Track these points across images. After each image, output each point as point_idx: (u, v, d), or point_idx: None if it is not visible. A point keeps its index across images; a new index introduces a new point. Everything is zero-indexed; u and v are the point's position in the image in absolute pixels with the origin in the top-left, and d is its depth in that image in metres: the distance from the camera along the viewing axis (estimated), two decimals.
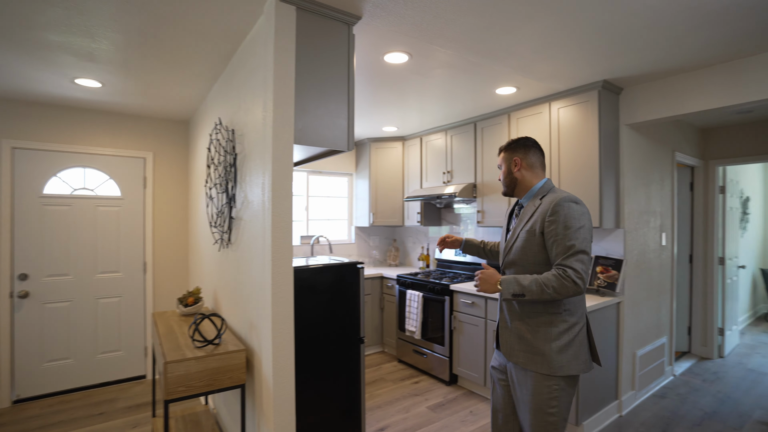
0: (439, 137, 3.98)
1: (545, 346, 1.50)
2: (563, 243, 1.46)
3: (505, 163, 1.73)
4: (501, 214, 3.36)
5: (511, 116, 3.29)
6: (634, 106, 2.86)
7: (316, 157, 2.11)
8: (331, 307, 2.20)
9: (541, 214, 1.54)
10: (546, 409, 1.49)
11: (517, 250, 1.61)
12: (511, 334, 1.60)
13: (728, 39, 2.10)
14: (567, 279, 1.42)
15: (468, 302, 3.20)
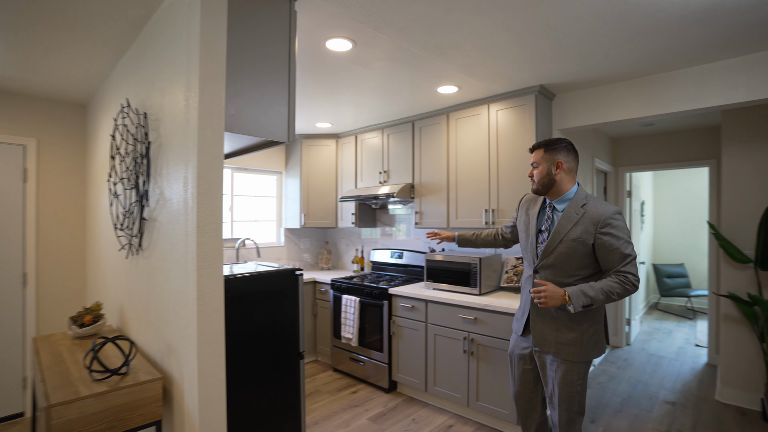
0: (375, 136, 3.85)
1: (578, 338, 1.69)
2: (620, 252, 1.62)
3: (544, 163, 1.77)
4: (440, 215, 3.33)
5: (450, 116, 3.27)
6: (565, 112, 2.99)
7: (249, 149, 1.84)
8: (265, 320, 1.94)
9: (592, 225, 1.66)
10: (573, 386, 1.71)
11: (560, 255, 1.71)
12: (545, 327, 1.76)
13: (648, 55, 2.25)
14: (629, 284, 1.60)
15: (407, 306, 3.11)
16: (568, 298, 1.60)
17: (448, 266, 3.07)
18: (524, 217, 1.93)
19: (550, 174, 1.76)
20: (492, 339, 2.63)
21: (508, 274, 3.11)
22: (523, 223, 1.92)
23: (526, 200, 2.00)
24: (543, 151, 1.79)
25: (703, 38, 2.08)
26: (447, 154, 3.29)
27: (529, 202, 1.97)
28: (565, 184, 1.76)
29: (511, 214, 2.91)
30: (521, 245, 1.95)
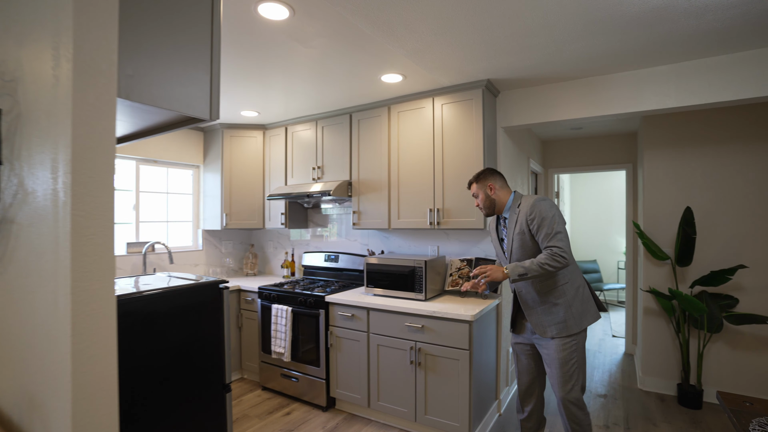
0: (308, 128, 3.51)
1: (565, 313, 1.96)
2: (544, 231, 1.92)
3: (481, 192, 2.14)
4: (381, 215, 3.10)
5: (391, 109, 3.05)
6: (509, 110, 2.93)
7: (156, 129, 1.41)
8: (180, 348, 1.54)
9: (524, 216, 1.99)
10: (569, 360, 1.95)
11: (517, 251, 2.05)
12: (540, 315, 2.01)
13: (598, 54, 2.23)
14: (557, 256, 1.85)
15: (347, 315, 2.83)
16: (506, 270, 1.92)
17: (390, 269, 2.85)
18: (493, 234, 2.25)
19: (488, 197, 2.13)
20: (441, 348, 2.46)
21: (452, 277, 2.98)
22: (494, 241, 2.25)
23: (491, 222, 2.30)
24: (476, 184, 2.15)
25: (646, 41, 2.10)
26: (388, 150, 3.07)
27: (492, 223, 2.29)
28: (503, 198, 2.12)
29: (458, 214, 2.77)
30: (498, 258, 2.28)
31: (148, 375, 1.44)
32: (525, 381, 2.22)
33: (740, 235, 2.99)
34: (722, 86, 2.30)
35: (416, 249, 3.30)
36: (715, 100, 2.32)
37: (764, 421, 1.40)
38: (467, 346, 2.38)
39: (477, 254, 3.03)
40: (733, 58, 2.28)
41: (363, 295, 2.92)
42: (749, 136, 2.98)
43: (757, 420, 1.41)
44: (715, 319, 2.88)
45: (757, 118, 2.96)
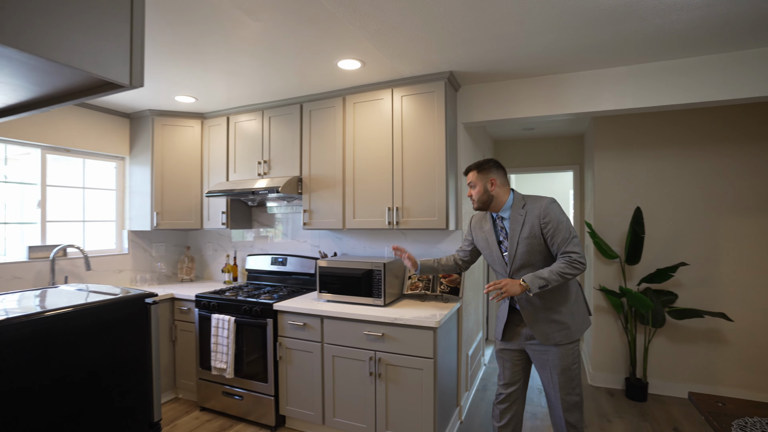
0: (254, 118, 3.18)
1: (569, 319, 1.86)
2: (561, 235, 1.80)
3: (480, 182, 1.94)
4: (334, 214, 2.86)
5: (347, 99, 2.83)
6: (470, 106, 2.83)
7: (51, 100, 1.07)
8: (91, 382, 1.21)
9: (536, 219, 1.84)
10: (571, 366, 1.86)
11: (522, 256, 1.87)
12: (543, 323, 1.87)
13: (565, 49, 2.18)
14: (575, 263, 1.76)
15: (298, 324, 2.57)
16: (523, 282, 1.76)
17: (345, 273, 2.63)
18: (481, 236, 2.07)
19: (487, 192, 1.93)
20: (403, 357, 2.28)
21: (411, 280, 2.83)
22: (483, 241, 2.05)
23: (476, 220, 2.12)
24: (476, 173, 1.96)
25: (612, 38, 2.07)
26: (343, 144, 2.85)
27: (479, 221, 2.10)
28: (502, 197, 1.94)
29: (418, 213, 2.61)
30: (488, 260, 2.06)
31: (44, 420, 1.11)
32: (509, 389, 2.06)
33: (679, 234, 3.14)
34: (675, 89, 2.35)
35: (371, 250, 3.11)
36: (668, 102, 2.37)
37: (743, 423, 1.37)
38: (432, 355, 2.22)
39: (437, 255, 2.90)
40: (687, 62, 2.34)
41: (315, 302, 2.67)
42: (687, 140, 3.14)
43: (737, 422, 1.38)
44: (658, 315, 2.99)
45: (693, 124, 3.12)
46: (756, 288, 2.96)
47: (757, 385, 2.97)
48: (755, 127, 2.99)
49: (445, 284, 2.73)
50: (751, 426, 1.37)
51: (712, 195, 3.07)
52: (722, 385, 3.04)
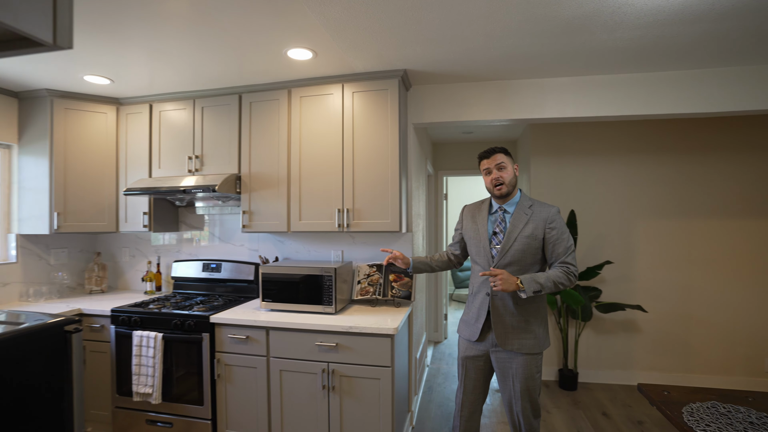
0: (183, 107, 2.83)
1: (538, 330, 1.84)
2: (563, 245, 1.79)
3: (510, 165, 1.87)
4: (278, 215, 2.65)
5: (293, 92, 2.63)
6: (421, 106, 2.80)
7: None
8: None
9: (542, 221, 1.82)
10: (534, 376, 1.84)
11: (516, 252, 1.82)
12: (506, 326, 1.83)
13: (522, 56, 2.22)
14: (571, 274, 1.76)
15: (240, 338, 2.32)
16: (520, 283, 1.70)
17: (292, 279, 2.44)
18: (471, 225, 2.00)
19: (515, 176, 1.88)
20: (359, 367, 2.16)
21: (361, 285, 2.71)
22: (472, 231, 1.98)
23: (470, 210, 2.06)
24: (505, 155, 1.88)
25: (563, 49, 2.16)
26: (288, 140, 2.64)
27: (473, 211, 2.03)
28: (515, 189, 1.90)
29: (371, 216, 2.51)
30: (473, 252, 1.98)
31: None
32: (472, 398, 1.99)
33: (603, 234, 3.43)
34: (611, 102, 2.54)
35: (317, 254, 2.94)
36: (603, 113, 2.55)
37: (690, 409, 1.49)
38: (389, 363, 2.14)
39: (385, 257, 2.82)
40: (621, 78, 2.54)
41: (258, 312, 2.44)
42: (612, 150, 3.44)
43: (686, 409, 1.49)
44: (587, 309, 3.24)
45: (617, 135, 3.44)
46: (665, 282, 3.35)
47: (664, 366, 3.35)
48: (668, 139, 3.37)
49: (397, 288, 2.66)
50: (696, 411, 1.49)
51: (631, 199, 3.40)
52: (637, 369, 3.38)
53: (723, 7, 1.77)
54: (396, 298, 2.62)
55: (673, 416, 1.44)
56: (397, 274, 2.69)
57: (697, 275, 3.32)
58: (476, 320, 1.93)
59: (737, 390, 1.67)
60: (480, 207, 2.00)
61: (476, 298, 1.94)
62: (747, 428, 1.36)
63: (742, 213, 3.27)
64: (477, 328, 1.92)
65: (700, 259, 3.32)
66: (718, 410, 1.49)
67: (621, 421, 2.77)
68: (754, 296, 3.26)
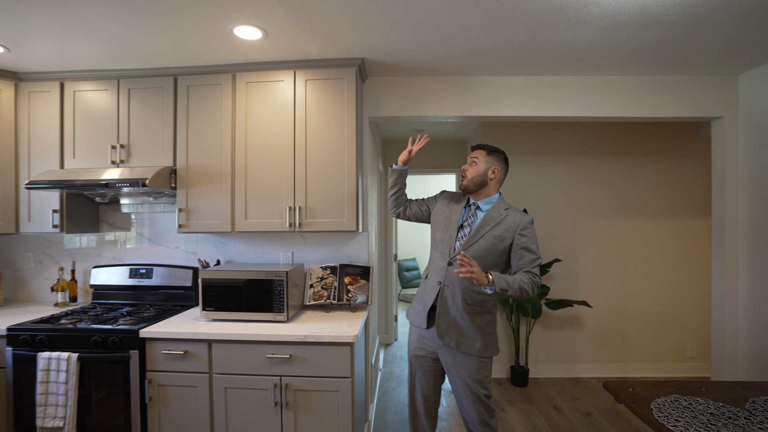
0: (104, 88, 2.44)
1: (482, 334, 1.80)
2: (532, 255, 1.75)
3: (484, 164, 1.84)
4: (221, 214, 2.37)
5: (238, 77, 2.37)
6: (378, 99, 2.66)
7: None
8: None
9: (514, 227, 1.78)
10: (483, 381, 1.82)
11: (480, 249, 1.77)
12: (449, 320, 1.81)
13: (484, 49, 2.17)
14: (535, 284, 1.71)
15: (178, 353, 2.02)
16: (490, 276, 1.62)
17: (238, 285, 2.18)
18: (445, 210, 1.95)
19: (485, 176, 1.84)
20: (315, 380, 1.98)
21: (314, 289, 2.52)
22: (443, 216, 1.94)
23: (448, 195, 2.02)
24: (486, 153, 1.86)
25: (524, 46, 2.14)
26: (233, 130, 2.38)
27: (452, 198, 2.00)
28: (492, 190, 1.87)
29: (325, 214, 2.33)
30: (437, 237, 1.93)
31: None
32: (427, 404, 1.94)
33: (552, 233, 3.54)
34: (563, 102, 2.59)
35: (264, 257, 2.69)
36: (557, 114, 2.60)
37: (658, 405, 1.50)
38: (349, 373, 1.98)
39: (341, 260, 2.66)
40: (574, 80, 2.59)
41: (198, 323, 2.16)
42: (560, 151, 3.56)
43: (654, 405, 1.50)
44: (537, 307, 3.31)
45: (565, 136, 3.56)
46: (605, 278, 3.53)
47: (605, 358, 3.53)
48: (609, 142, 3.55)
49: (353, 291, 2.50)
50: (663, 406, 1.51)
51: (576, 199, 3.54)
52: (581, 362, 3.53)
53: (676, 15, 1.84)
54: (352, 302, 2.46)
55: (644, 414, 1.45)
56: (352, 277, 2.53)
57: (632, 271, 3.54)
58: (423, 306, 1.90)
59: (691, 380, 1.74)
60: (458, 198, 1.98)
61: (427, 284, 1.91)
62: (710, 420, 1.40)
63: (670, 213, 3.54)
64: (424, 315, 1.89)
65: (635, 255, 3.54)
66: (681, 404, 1.53)
67: (571, 413, 2.85)
68: (679, 289, 3.54)
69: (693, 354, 3.54)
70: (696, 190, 3.55)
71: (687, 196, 3.55)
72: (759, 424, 1.38)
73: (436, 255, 1.91)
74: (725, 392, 1.65)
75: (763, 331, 2.43)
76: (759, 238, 2.45)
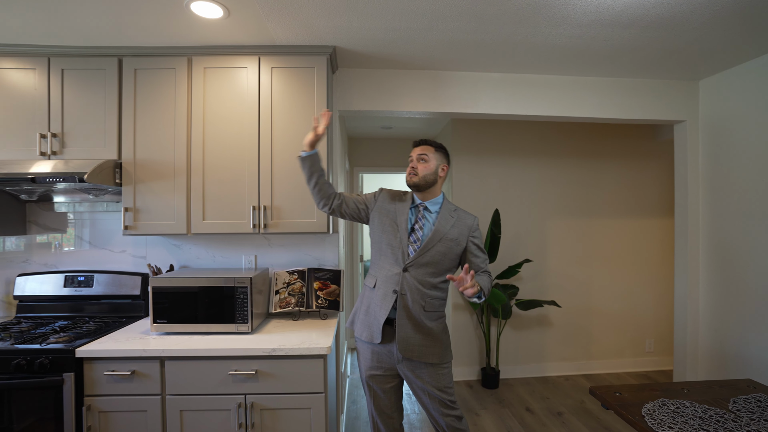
0: (31, 67, 2.11)
1: (439, 340, 1.72)
2: (483, 255, 1.75)
3: (434, 161, 1.74)
4: (175, 214, 2.12)
5: (195, 62, 2.12)
6: (349, 92, 2.50)
7: None
8: None
9: (467, 229, 1.74)
10: (446, 388, 1.72)
11: (437, 254, 1.69)
12: (409, 332, 1.68)
13: (463, 42, 2.08)
14: (492, 283, 1.83)
15: (123, 373, 1.76)
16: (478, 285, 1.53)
17: (195, 292, 1.95)
18: (391, 210, 1.78)
19: (435, 173, 1.74)
20: (284, 397, 1.79)
21: (280, 295, 2.32)
22: (389, 218, 1.77)
23: (390, 194, 1.84)
24: (434, 150, 1.75)
25: (505, 40, 2.07)
26: (188, 121, 2.13)
27: (393, 197, 1.83)
28: (438, 190, 1.79)
29: (293, 215, 2.15)
30: (384, 240, 1.75)
31: None
32: (391, 422, 1.83)
33: (521, 233, 3.54)
34: (539, 102, 2.56)
35: (224, 261, 2.45)
36: (533, 113, 2.57)
37: (648, 411, 1.46)
38: (322, 388, 1.81)
39: (310, 264, 2.48)
40: (549, 79, 2.57)
41: (148, 337, 1.90)
42: (527, 151, 3.57)
43: (645, 410, 1.46)
44: (507, 307, 3.29)
45: (534, 136, 3.57)
46: (571, 277, 3.58)
47: (570, 356, 3.59)
48: (574, 144, 3.60)
49: (323, 298, 2.33)
50: (652, 411, 1.48)
51: (543, 199, 3.56)
52: (548, 361, 3.56)
53: (655, 15, 1.83)
54: (322, 308, 2.29)
55: (637, 422, 1.41)
56: (322, 282, 2.36)
57: (596, 270, 3.62)
58: (376, 319, 1.71)
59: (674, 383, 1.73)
60: (402, 197, 1.82)
61: (376, 294, 1.73)
62: (701, 425, 1.38)
63: (629, 213, 3.66)
64: (378, 329, 1.69)
65: (599, 255, 3.62)
66: (669, 408, 1.51)
67: (543, 414, 2.84)
68: (638, 286, 3.66)
69: (651, 348, 3.67)
70: (653, 192, 3.69)
71: (645, 197, 3.68)
72: (746, 426, 1.37)
73: (385, 261, 1.74)
74: (705, 393, 1.65)
75: (723, 327, 2.52)
76: (718, 238, 2.55)
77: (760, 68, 2.31)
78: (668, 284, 3.69)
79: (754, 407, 1.52)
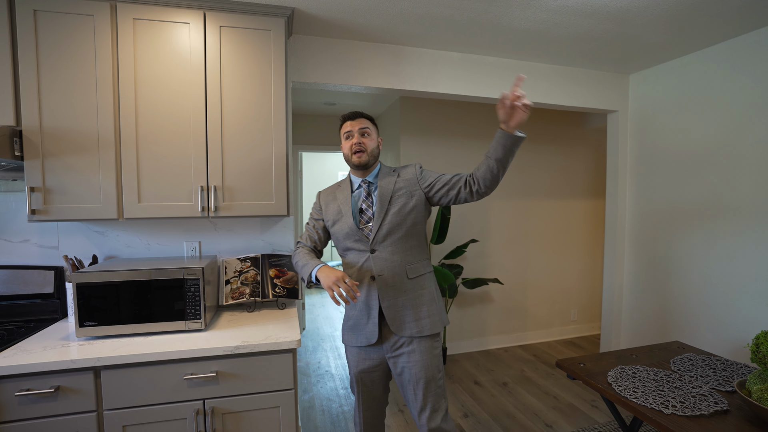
0: None
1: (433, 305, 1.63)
2: (444, 176, 1.60)
3: (375, 134, 1.68)
4: (102, 194, 1.77)
5: (119, 9, 1.75)
6: (304, 62, 2.29)
7: None
8: None
9: (413, 177, 1.65)
10: (436, 377, 1.61)
11: (396, 216, 1.59)
12: (398, 308, 1.60)
13: (424, 15, 1.99)
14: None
15: (44, 392, 1.44)
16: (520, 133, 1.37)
17: (132, 287, 1.66)
18: (334, 207, 1.70)
19: (378, 147, 1.69)
20: (250, 398, 1.63)
21: (231, 285, 2.10)
22: (334, 213, 1.69)
23: (327, 194, 1.77)
24: (371, 123, 1.68)
25: (473, 17, 2.03)
26: (114, 83, 1.77)
27: (332, 192, 1.75)
28: (377, 161, 1.72)
29: (248, 196, 1.93)
30: (341, 236, 1.66)
31: None
32: (373, 413, 1.78)
33: (465, 215, 3.63)
34: (495, 84, 2.59)
35: (161, 249, 2.14)
36: (489, 95, 2.59)
37: (612, 378, 1.59)
38: (291, 385, 1.68)
39: (263, 249, 2.28)
40: (506, 62, 2.61)
41: (72, 344, 1.59)
42: (472, 133, 3.63)
43: (610, 377, 1.58)
44: (453, 287, 3.38)
45: (477, 118, 3.64)
46: (510, 256, 3.78)
47: (509, 329, 3.83)
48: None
49: (280, 286, 2.15)
50: (615, 377, 1.61)
51: None
52: (489, 335, 3.77)
53: (615, 7, 1.91)
54: (279, 297, 2.12)
55: (605, 390, 1.51)
56: (278, 269, 2.18)
57: (532, 248, 3.88)
58: (368, 318, 1.63)
59: (624, 350, 1.91)
60: (340, 187, 1.73)
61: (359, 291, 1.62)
62: (657, 386, 1.53)
63: (559, 195, 3.95)
64: (373, 328, 1.61)
65: (534, 234, 3.88)
66: (627, 373, 1.65)
67: (491, 386, 3.00)
68: (566, 262, 4.01)
69: (575, 318, 4.07)
70: (580, 175, 4.02)
71: (572, 180, 3.99)
72: (689, 383, 1.55)
73: (353, 254, 1.64)
74: (650, 357, 1.84)
75: (644, 297, 2.86)
76: (642, 219, 2.85)
77: (679, 68, 2.58)
78: (591, 259, 4.09)
79: (689, 366, 1.73)
